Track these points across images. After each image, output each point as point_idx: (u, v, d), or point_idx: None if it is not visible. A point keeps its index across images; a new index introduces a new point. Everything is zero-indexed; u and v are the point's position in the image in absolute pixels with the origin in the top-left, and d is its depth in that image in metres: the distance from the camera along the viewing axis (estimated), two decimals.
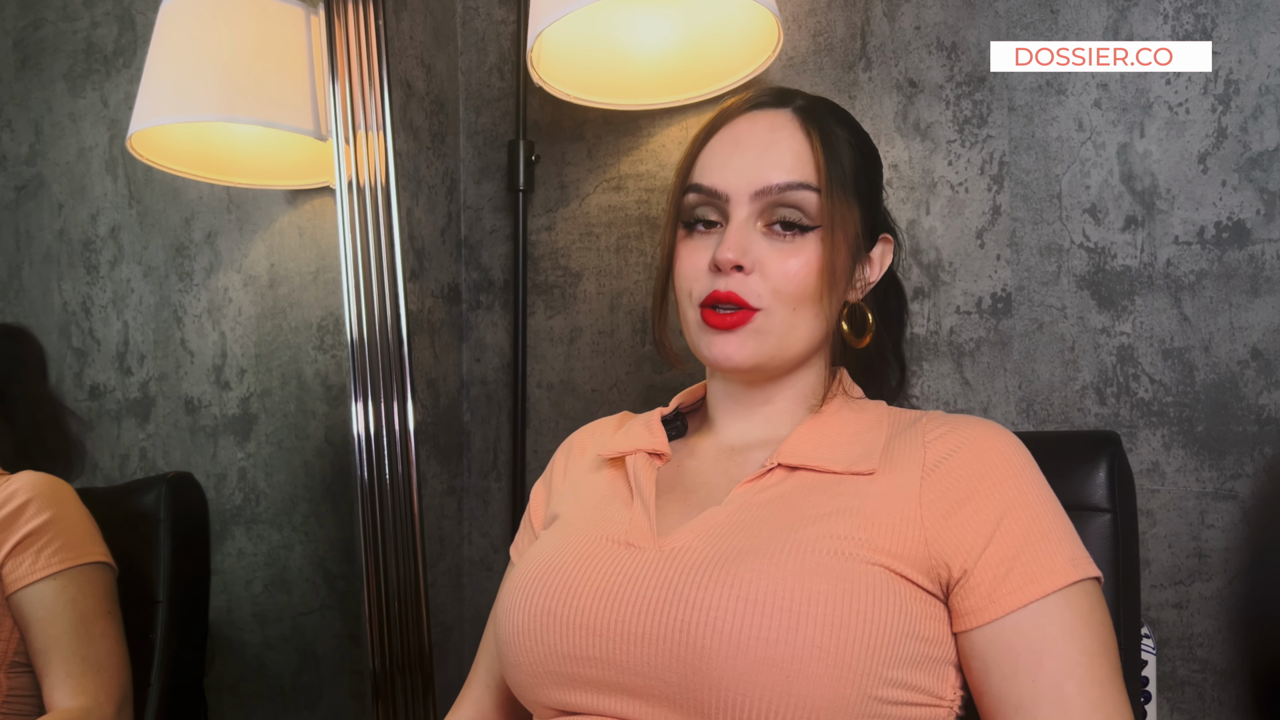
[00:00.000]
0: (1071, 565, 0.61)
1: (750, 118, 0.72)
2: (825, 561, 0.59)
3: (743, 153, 0.71)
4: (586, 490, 0.77)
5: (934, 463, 0.65)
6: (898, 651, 0.57)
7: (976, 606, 0.60)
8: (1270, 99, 1.03)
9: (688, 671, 0.57)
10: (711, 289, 0.70)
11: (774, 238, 0.70)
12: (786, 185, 0.69)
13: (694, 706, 0.57)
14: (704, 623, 0.57)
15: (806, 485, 0.67)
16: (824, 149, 0.70)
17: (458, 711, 0.80)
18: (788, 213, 0.69)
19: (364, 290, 1.14)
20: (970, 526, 0.62)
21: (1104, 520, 0.76)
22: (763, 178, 0.69)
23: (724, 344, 0.70)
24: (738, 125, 0.72)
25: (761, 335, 0.70)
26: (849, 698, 0.55)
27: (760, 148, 0.70)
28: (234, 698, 1.30)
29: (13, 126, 1.42)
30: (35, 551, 0.94)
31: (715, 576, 0.59)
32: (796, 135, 0.71)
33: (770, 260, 0.69)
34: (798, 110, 0.72)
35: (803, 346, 0.72)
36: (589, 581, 0.64)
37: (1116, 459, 0.78)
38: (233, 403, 1.30)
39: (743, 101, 0.74)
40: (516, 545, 0.84)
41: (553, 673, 0.63)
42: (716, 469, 0.74)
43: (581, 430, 0.87)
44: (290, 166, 1.29)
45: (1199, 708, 1.06)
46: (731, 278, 0.69)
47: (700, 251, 0.72)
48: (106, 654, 0.94)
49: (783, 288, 0.69)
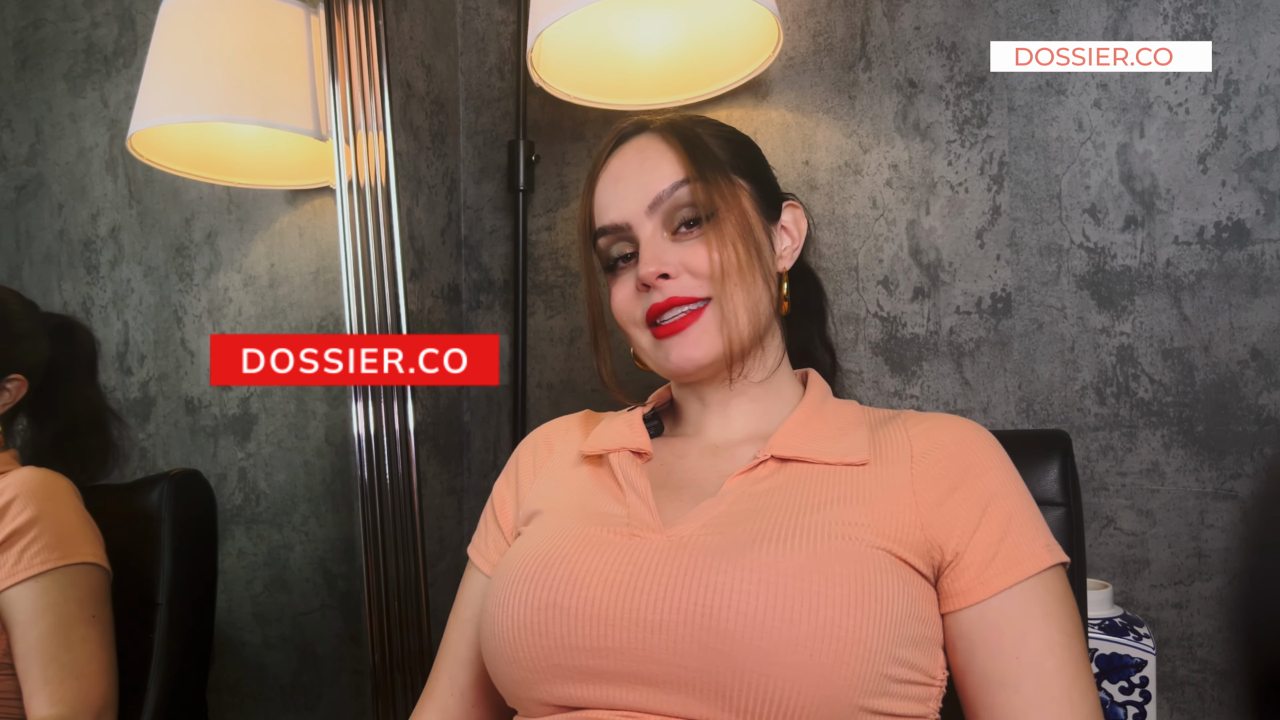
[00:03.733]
0: (1048, 551, 0.65)
1: (619, 153, 0.78)
2: (836, 546, 0.61)
3: (624, 181, 0.76)
4: (569, 486, 0.77)
5: (921, 454, 0.69)
6: (903, 631, 0.60)
7: (966, 588, 0.63)
8: (1270, 99, 1.03)
9: (710, 655, 0.58)
10: (649, 304, 0.73)
11: (682, 239, 0.74)
12: (671, 187, 0.73)
13: (715, 690, 0.58)
14: (726, 606, 0.58)
15: (800, 476, 0.69)
16: (687, 145, 0.75)
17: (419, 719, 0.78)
18: (683, 212, 0.74)
19: (364, 290, 1.14)
20: (961, 512, 0.65)
21: (1058, 514, 0.81)
22: (648, 191, 0.74)
23: (681, 347, 0.73)
24: (611, 164, 0.78)
25: (712, 328, 0.72)
26: (865, 675, 0.57)
27: (636, 170, 0.75)
28: (234, 698, 1.30)
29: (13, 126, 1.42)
30: (18, 551, 0.90)
31: (732, 561, 0.60)
32: (661, 146, 0.76)
33: (688, 258, 0.73)
34: (656, 129, 0.78)
35: (754, 323, 0.74)
36: (595, 571, 0.63)
37: (1067, 457, 0.83)
38: (233, 403, 1.30)
39: (608, 143, 0.80)
40: (477, 546, 0.82)
41: (558, 666, 0.62)
42: (703, 464, 0.75)
43: (544, 427, 0.87)
44: (290, 166, 1.28)
45: (1199, 708, 1.06)
46: (663, 287, 0.73)
47: (627, 283, 0.76)
48: (87, 660, 0.90)
49: (713, 275, 0.72)
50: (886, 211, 1.17)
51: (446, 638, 0.80)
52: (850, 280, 1.19)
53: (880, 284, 1.18)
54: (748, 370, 0.76)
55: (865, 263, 1.18)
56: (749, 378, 0.77)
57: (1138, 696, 0.96)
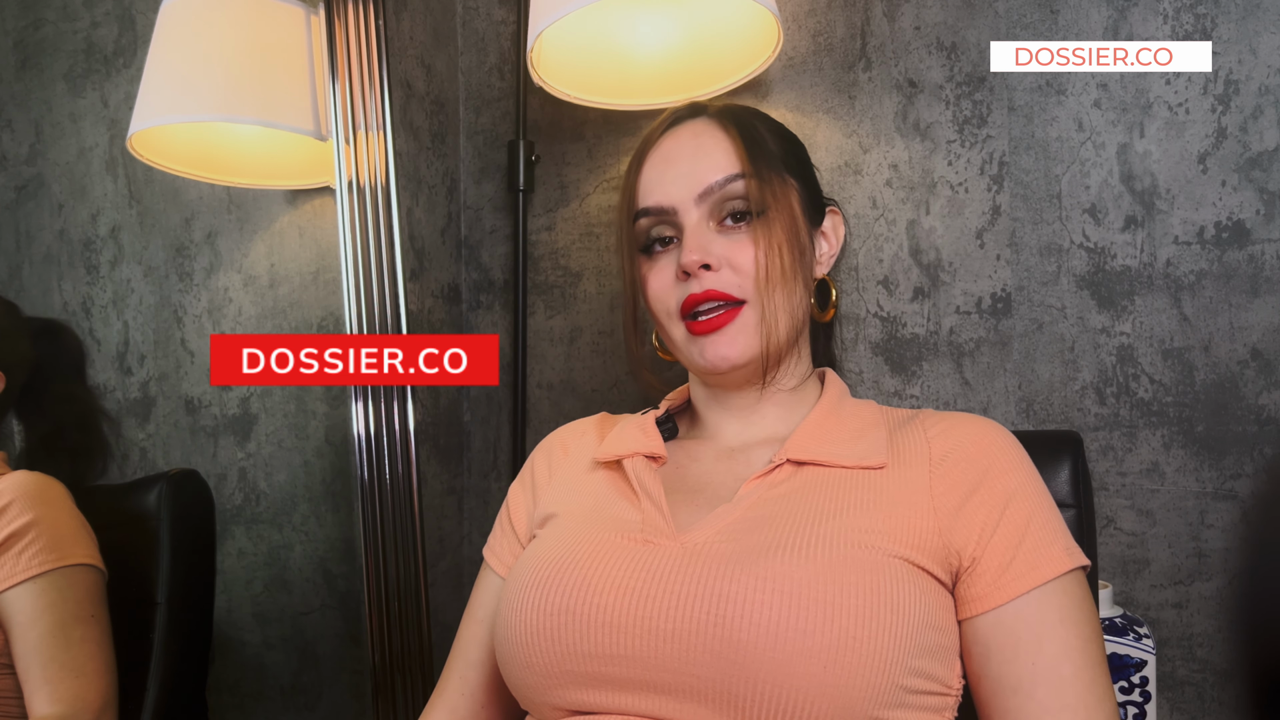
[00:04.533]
0: (1067, 554, 0.64)
1: (673, 134, 0.76)
2: (852, 554, 0.60)
3: (676, 165, 0.74)
4: (583, 490, 0.76)
5: (940, 456, 0.68)
6: (920, 641, 0.59)
7: (983, 592, 0.62)
8: (1270, 99, 1.03)
9: (724, 665, 0.57)
10: (686, 294, 0.72)
11: (728, 232, 0.73)
12: (725, 179, 0.72)
13: (728, 700, 0.57)
14: (741, 615, 0.57)
15: (817, 480, 0.68)
16: (745, 139, 0.73)
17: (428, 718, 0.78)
18: (733, 204, 0.72)
19: (364, 290, 1.14)
20: (979, 516, 0.64)
21: (1070, 515, 0.80)
22: (700, 179, 0.72)
23: (715, 345, 0.71)
24: (664, 144, 0.76)
25: (750, 328, 0.71)
26: (880, 686, 0.56)
27: (690, 156, 0.74)
28: (234, 698, 1.30)
29: (13, 126, 1.42)
30: (16, 554, 0.92)
31: (747, 570, 0.60)
32: (718, 135, 0.74)
33: (734, 253, 0.71)
34: (713, 115, 0.76)
35: (791, 326, 0.74)
36: (608, 577, 0.63)
37: (1079, 458, 0.81)
38: (233, 403, 1.30)
39: (661, 123, 0.78)
40: (491, 548, 0.82)
41: (570, 672, 0.62)
42: (719, 469, 0.74)
43: (560, 431, 0.86)
44: (290, 166, 1.28)
45: (1199, 708, 1.06)
46: (704, 278, 0.71)
47: (665, 269, 0.74)
48: (87, 659, 0.92)
49: (756, 273, 0.71)
50: (886, 211, 1.17)
51: (459, 637, 0.80)
52: (850, 280, 1.19)
53: (880, 284, 1.18)
54: (781, 376, 0.75)
55: (865, 263, 1.18)
56: (780, 384, 0.76)
57: (1138, 696, 0.96)
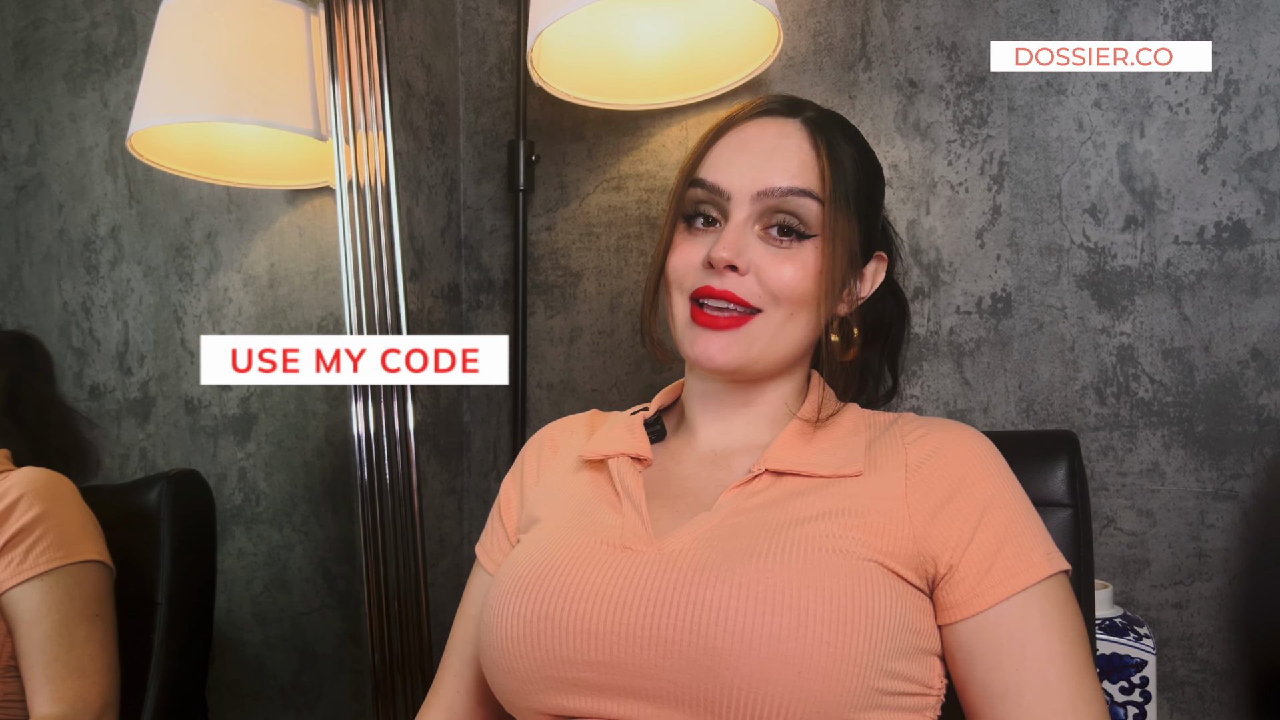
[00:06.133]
0: (1047, 560, 0.64)
1: (759, 123, 0.73)
2: (826, 559, 0.61)
3: (748, 154, 0.71)
4: (567, 493, 0.76)
5: (916, 464, 0.68)
6: (894, 644, 0.59)
7: (962, 600, 0.63)
8: (1270, 99, 1.03)
9: (699, 672, 0.58)
10: (705, 282, 0.70)
11: (770, 242, 0.71)
12: (789, 190, 0.70)
13: (703, 706, 0.58)
14: (715, 623, 0.58)
15: (795, 489, 0.68)
16: (830, 160, 0.71)
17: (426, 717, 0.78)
18: (787, 218, 0.70)
19: (364, 290, 1.14)
20: (955, 523, 0.64)
21: (1066, 516, 0.80)
22: (766, 180, 0.70)
23: (708, 343, 0.70)
24: (746, 129, 0.73)
25: (750, 340, 0.70)
26: (854, 689, 0.56)
27: (766, 151, 0.71)
28: (234, 698, 1.30)
29: (13, 126, 1.42)
30: (24, 550, 0.91)
31: (721, 577, 0.60)
32: (803, 144, 0.71)
33: (766, 264, 0.70)
34: (807, 121, 0.73)
35: (788, 353, 0.73)
36: (586, 585, 0.63)
37: (1075, 458, 0.81)
38: (233, 403, 1.30)
39: (753, 106, 0.75)
40: (483, 545, 0.82)
41: (550, 678, 0.63)
42: (701, 474, 0.74)
43: (550, 427, 0.86)
44: (290, 166, 1.28)
45: (1199, 708, 1.06)
46: (726, 277, 0.70)
47: (696, 247, 0.72)
48: (89, 658, 0.91)
49: (780, 293, 0.70)
50: (887, 212, 1.17)
51: (453, 635, 0.80)
52: None
53: None
54: (764, 391, 0.75)
55: None
56: (763, 397, 0.76)
57: (1138, 697, 0.96)
